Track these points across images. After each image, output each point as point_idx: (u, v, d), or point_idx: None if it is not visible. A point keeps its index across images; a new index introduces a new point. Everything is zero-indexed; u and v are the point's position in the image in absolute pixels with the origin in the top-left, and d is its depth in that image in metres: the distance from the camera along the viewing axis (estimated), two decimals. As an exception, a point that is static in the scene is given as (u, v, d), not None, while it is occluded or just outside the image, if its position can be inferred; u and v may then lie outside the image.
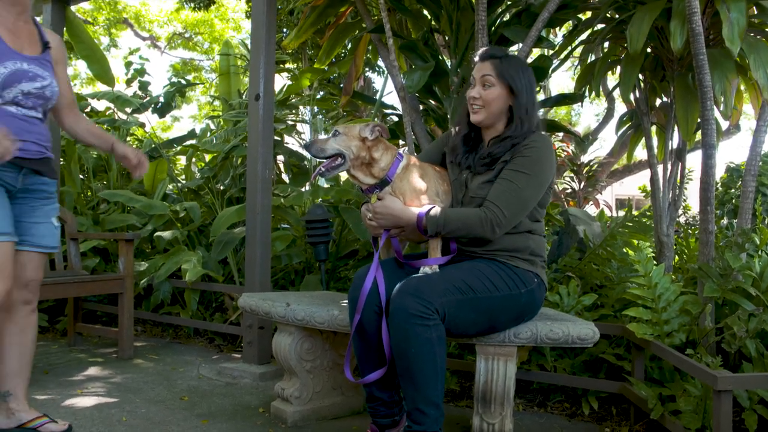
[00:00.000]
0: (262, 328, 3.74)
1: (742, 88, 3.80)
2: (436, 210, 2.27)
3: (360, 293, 2.29)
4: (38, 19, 2.62)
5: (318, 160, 2.44)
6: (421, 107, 3.99)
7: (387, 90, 6.77)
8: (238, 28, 19.48)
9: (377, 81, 11.03)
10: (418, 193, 2.35)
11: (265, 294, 3.08)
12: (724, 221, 7.87)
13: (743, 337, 2.61)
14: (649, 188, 3.83)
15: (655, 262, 2.96)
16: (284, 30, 9.55)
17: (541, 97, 9.67)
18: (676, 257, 4.04)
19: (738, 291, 2.77)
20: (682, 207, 7.48)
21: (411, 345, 2.09)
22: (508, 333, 2.34)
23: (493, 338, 2.35)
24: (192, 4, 11.83)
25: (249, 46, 4.48)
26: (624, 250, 3.67)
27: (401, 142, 4.49)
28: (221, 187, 5.40)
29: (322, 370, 2.89)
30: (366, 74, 9.44)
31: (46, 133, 2.56)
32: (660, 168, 3.75)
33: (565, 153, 9.25)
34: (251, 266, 3.74)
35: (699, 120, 3.03)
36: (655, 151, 3.82)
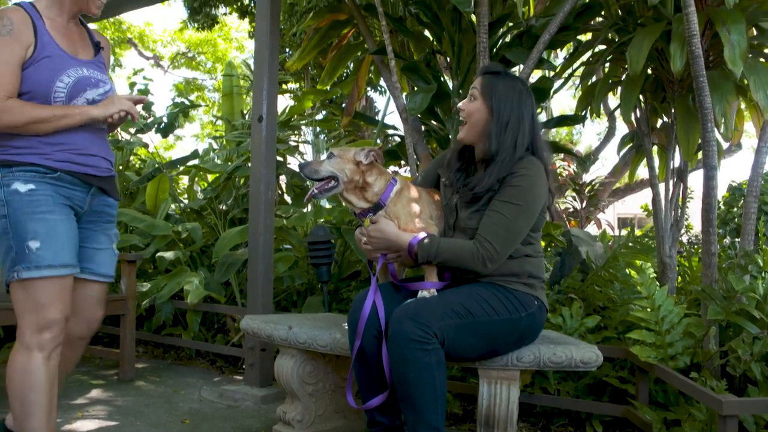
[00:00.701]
0: (264, 350, 3.72)
1: (743, 106, 3.81)
2: (429, 239, 2.26)
3: (359, 317, 2.28)
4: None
5: (311, 181, 2.43)
6: (423, 128, 4.00)
7: (389, 110, 6.80)
8: (241, 47, 19.63)
9: (379, 100, 11.09)
10: (412, 217, 2.35)
11: (268, 316, 3.07)
12: (727, 240, 7.87)
13: (748, 361, 2.60)
14: (651, 207, 3.83)
15: (657, 284, 2.95)
16: (287, 50, 9.62)
17: (543, 117, 9.72)
18: (679, 278, 4.03)
19: (742, 313, 2.76)
20: (684, 226, 7.48)
21: (410, 369, 2.08)
22: (511, 356, 2.33)
23: (495, 362, 2.33)
24: (196, 24, 11.91)
25: (252, 67, 4.52)
26: (627, 271, 3.66)
27: (402, 162, 4.50)
28: (224, 208, 5.41)
29: (324, 393, 2.88)
30: (368, 94, 9.48)
31: (110, 147, 2.45)
32: (662, 188, 3.75)
33: (567, 172, 9.25)
34: (253, 288, 3.73)
35: (700, 141, 3.04)
36: (657, 171, 3.82)
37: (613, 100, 7.92)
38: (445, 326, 2.11)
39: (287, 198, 5.70)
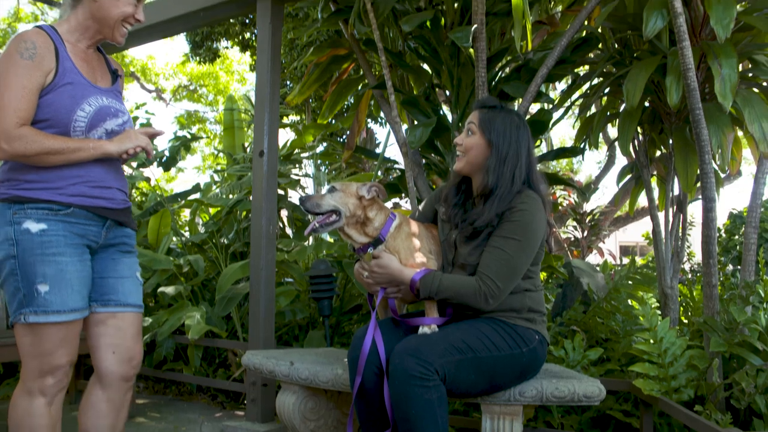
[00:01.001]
0: (265, 386, 3.70)
1: (740, 133, 3.83)
2: (432, 275, 2.27)
3: (359, 354, 2.27)
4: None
5: (312, 215, 2.41)
6: (423, 161, 4.03)
7: (389, 142, 6.85)
8: (242, 80, 19.85)
9: (380, 132, 11.16)
10: (412, 252, 2.36)
11: (269, 352, 3.06)
12: (730, 268, 7.85)
13: (752, 393, 2.58)
14: (652, 236, 3.84)
15: (659, 315, 2.95)
16: (287, 83, 9.72)
17: (543, 148, 9.77)
18: (681, 308, 4.02)
19: (745, 345, 2.75)
20: (686, 254, 7.46)
21: (411, 406, 2.07)
22: (513, 391, 2.32)
23: (498, 397, 2.32)
24: (198, 58, 12.06)
25: (253, 100, 4.55)
26: (629, 302, 3.66)
27: (403, 195, 4.52)
28: (225, 241, 5.42)
29: (326, 429, 2.86)
30: (368, 126, 9.55)
31: (124, 176, 2.37)
32: (662, 219, 3.76)
33: (567, 202, 9.28)
34: (255, 323, 3.73)
35: (698, 172, 3.06)
36: (656, 202, 3.84)
37: (613, 129, 7.98)
38: (447, 362, 2.11)
39: (288, 231, 5.71)
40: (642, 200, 4.35)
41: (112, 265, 2.30)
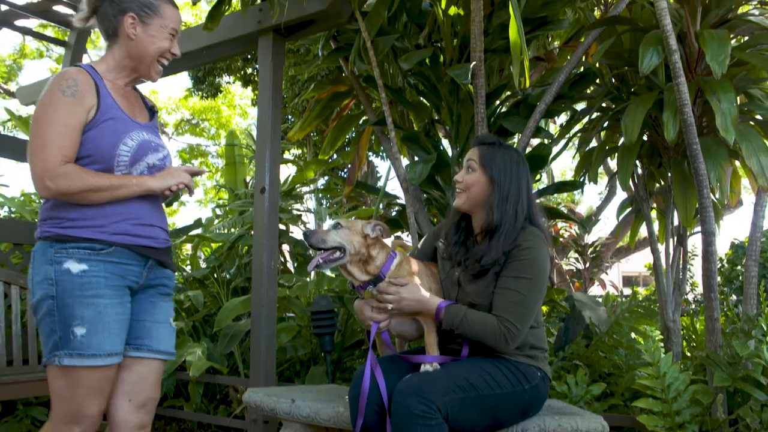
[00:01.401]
0: (266, 423, 3.68)
1: (737, 163, 3.85)
2: (457, 306, 2.28)
3: (360, 392, 2.26)
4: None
5: (315, 251, 2.40)
6: (424, 197, 4.05)
7: (390, 175, 6.88)
8: (244, 114, 20.00)
9: (381, 165, 11.22)
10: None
11: (270, 389, 3.05)
12: (733, 298, 7.82)
13: (757, 429, 2.56)
14: (653, 269, 3.83)
15: (663, 350, 2.94)
16: (289, 117, 9.81)
17: (544, 180, 9.81)
18: (684, 342, 4.00)
19: (748, 380, 2.74)
20: (689, 284, 7.44)
21: (414, 445, 2.05)
22: (516, 429, 2.31)
23: (500, 434, 2.31)
24: (200, 93, 12.20)
25: (254, 135, 4.59)
26: (631, 335, 3.64)
27: (404, 230, 4.53)
28: (227, 276, 5.42)
29: (327, 468, 2.83)
30: (369, 158, 9.61)
31: (165, 215, 2.32)
32: (662, 252, 3.76)
33: (569, 234, 9.28)
34: (256, 359, 3.72)
35: (697, 206, 3.07)
36: (657, 235, 3.85)
37: (613, 160, 8.01)
38: (449, 401, 2.10)
39: (290, 265, 5.72)
40: (643, 231, 4.36)
41: (150, 308, 2.25)
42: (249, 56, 10.32)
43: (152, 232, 2.18)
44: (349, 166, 5.04)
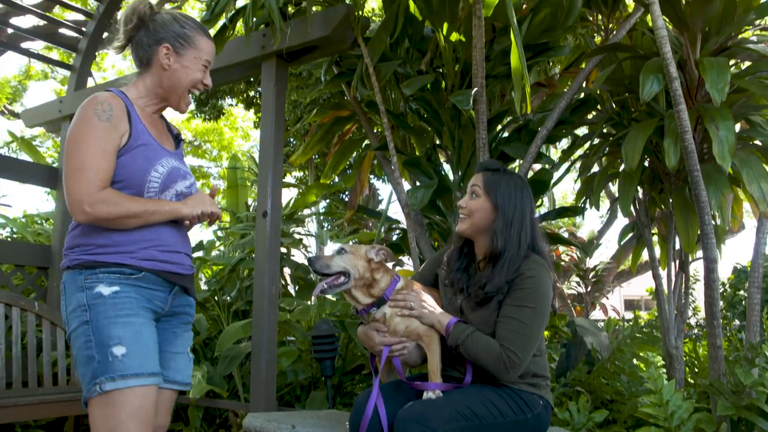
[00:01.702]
0: (266, 449, 3.65)
1: (739, 189, 3.85)
2: (465, 324, 2.28)
3: (361, 420, 2.24)
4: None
5: (319, 276, 2.39)
6: (425, 222, 4.06)
7: (392, 198, 6.91)
8: (246, 136, 20.09)
9: (382, 188, 11.24)
10: None
11: (270, 414, 3.03)
12: (736, 323, 7.78)
13: (761, 459, 2.54)
14: (655, 295, 3.82)
15: (665, 377, 2.92)
16: (291, 140, 9.85)
17: (546, 204, 9.82)
18: (687, 368, 3.98)
19: (753, 409, 2.71)
20: (691, 308, 7.41)
21: (416, 473, 2.04)
22: (518, 458, 2.29)
23: (502, 464, 2.29)
24: (203, 115, 12.26)
25: (256, 158, 4.60)
26: (634, 362, 3.62)
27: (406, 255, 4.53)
28: (228, 299, 5.41)
29: (328, 496, 2.80)
30: (371, 181, 9.63)
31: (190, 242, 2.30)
32: (664, 278, 3.76)
33: (570, 257, 9.27)
34: (257, 384, 3.70)
35: (699, 232, 3.07)
36: (658, 261, 3.84)
37: (615, 185, 8.02)
38: (451, 429, 2.08)
39: (291, 289, 5.70)
40: (645, 255, 4.36)
41: (172, 338, 2.23)
42: (252, 79, 10.38)
43: (179, 259, 2.17)
44: (351, 189, 5.05)
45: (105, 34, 5.54)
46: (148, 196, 2.10)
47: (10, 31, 5.32)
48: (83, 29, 5.47)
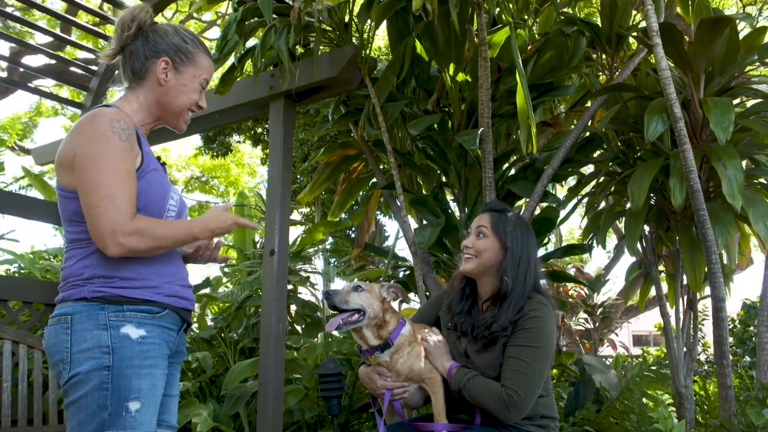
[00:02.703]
0: (272, 490, 3.61)
1: (745, 225, 3.85)
2: (467, 369, 2.27)
3: None
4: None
5: (334, 311, 2.35)
6: (432, 260, 4.07)
7: (399, 235, 6.93)
8: (252, 172, 20.23)
9: (389, 224, 11.26)
10: (419, 357, 2.35)
11: (277, 456, 3.01)
12: (747, 360, 7.69)
13: (774, 502, 2.50)
14: (663, 334, 3.80)
15: (675, 417, 2.90)
16: (298, 177, 9.91)
17: (552, 240, 9.80)
18: (697, 407, 3.94)
19: (764, 450, 2.69)
20: (700, 345, 7.35)
21: None
22: (528, 501, 2.26)
23: (512, 507, 2.26)
24: (211, 152, 12.38)
25: (263, 195, 4.63)
26: (643, 400, 3.59)
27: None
28: (234, 336, 5.40)
29: None
30: (378, 218, 9.66)
31: None
32: (672, 316, 3.74)
33: (577, 293, 9.23)
34: (263, 422, 3.67)
35: (706, 270, 3.06)
36: (666, 300, 3.83)
37: (621, 222, 8.01)
38: (460, 471, 2.07)
39: (297, 327, 5.70)
40: (653, 291, 4.34)
41: (171, 380, 2.00)
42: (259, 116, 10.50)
43: (190, 294, 1.99)
44: (358, 227, 5.07)
45: (116, 72, 5.63)
46: None
47: (21, 69, 5.40)
48: (93, 68, 5.56)
